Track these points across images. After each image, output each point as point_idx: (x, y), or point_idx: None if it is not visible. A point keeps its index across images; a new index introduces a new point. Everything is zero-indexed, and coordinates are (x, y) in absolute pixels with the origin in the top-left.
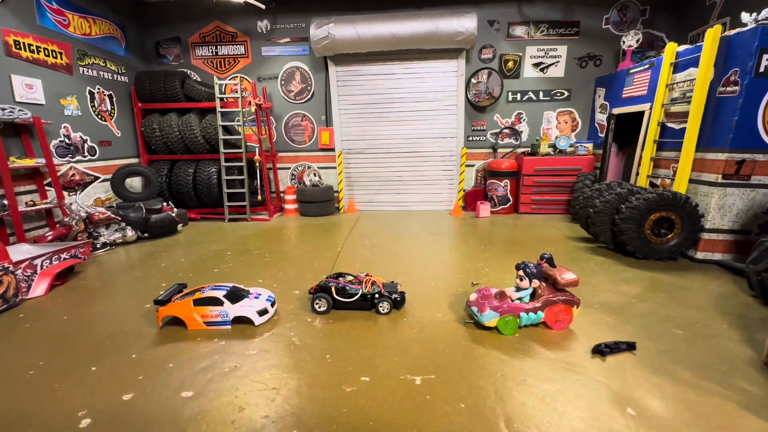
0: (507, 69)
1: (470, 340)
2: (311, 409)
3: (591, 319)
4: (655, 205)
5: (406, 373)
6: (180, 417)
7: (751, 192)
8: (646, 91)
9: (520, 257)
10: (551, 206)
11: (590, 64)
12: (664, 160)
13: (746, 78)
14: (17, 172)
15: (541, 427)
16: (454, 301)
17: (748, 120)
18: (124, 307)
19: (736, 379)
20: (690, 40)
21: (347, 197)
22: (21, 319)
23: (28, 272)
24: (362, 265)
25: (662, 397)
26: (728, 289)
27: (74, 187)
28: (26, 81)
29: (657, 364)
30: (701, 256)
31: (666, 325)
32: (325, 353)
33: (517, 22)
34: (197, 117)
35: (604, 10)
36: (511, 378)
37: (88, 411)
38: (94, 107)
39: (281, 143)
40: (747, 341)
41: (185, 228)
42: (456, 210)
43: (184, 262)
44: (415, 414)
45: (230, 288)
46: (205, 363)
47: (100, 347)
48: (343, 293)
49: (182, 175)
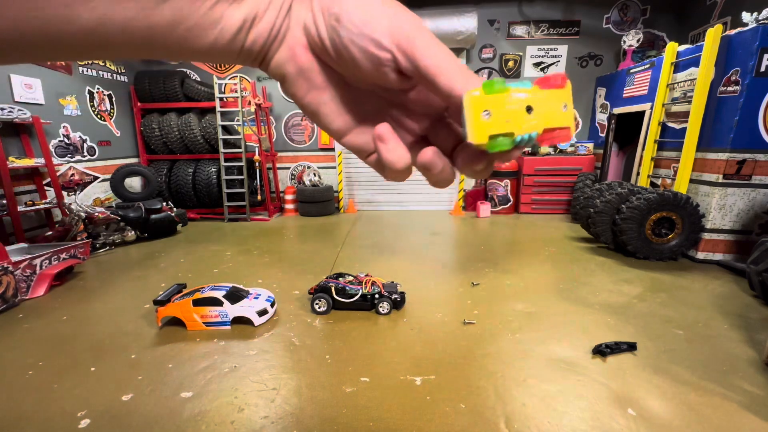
0: (507, 69)
1: (470, 340)
2: (311, 410)
3: (591, 319)
4: (656, 205)
5: (406, 374)
6: (179, 417)
7: (751, 192)
8: (647, 91)
9: (520, 257)
10: (552, 206)
11: (591, 64)
12: (665, 160)
13: (747, 78)
14: (16, 172)
15: (542, 427)
16: (454, 301)
17: (748, 120)
18: (123, 307)
19: (737, 380)
20: (691, 39)
21: (347, 197)
22: (20, 320)
23: (28, 272)
24: (362, 265)
25: (663, 398)
26: (729, 290)
27: (73, 187)
28: (25, 81)
29: (657, 364)
30: (702, 257)
31: (667, 326)
32: (325, 354)
33: (518, 21)
34: (197, 117)
35: (604, 10)
36: (511, 378)
37: (88, 411)
38: (93, 107)
39: (281, 143)
40: (748, 341)
41: (185, 228)
42: (456, 210)
43: (184, 262)
44: (415, 414)
45: (230, 288)
46: (204, 363)
47: (100, 347)
48: (343, 293)
49: (182, 175)
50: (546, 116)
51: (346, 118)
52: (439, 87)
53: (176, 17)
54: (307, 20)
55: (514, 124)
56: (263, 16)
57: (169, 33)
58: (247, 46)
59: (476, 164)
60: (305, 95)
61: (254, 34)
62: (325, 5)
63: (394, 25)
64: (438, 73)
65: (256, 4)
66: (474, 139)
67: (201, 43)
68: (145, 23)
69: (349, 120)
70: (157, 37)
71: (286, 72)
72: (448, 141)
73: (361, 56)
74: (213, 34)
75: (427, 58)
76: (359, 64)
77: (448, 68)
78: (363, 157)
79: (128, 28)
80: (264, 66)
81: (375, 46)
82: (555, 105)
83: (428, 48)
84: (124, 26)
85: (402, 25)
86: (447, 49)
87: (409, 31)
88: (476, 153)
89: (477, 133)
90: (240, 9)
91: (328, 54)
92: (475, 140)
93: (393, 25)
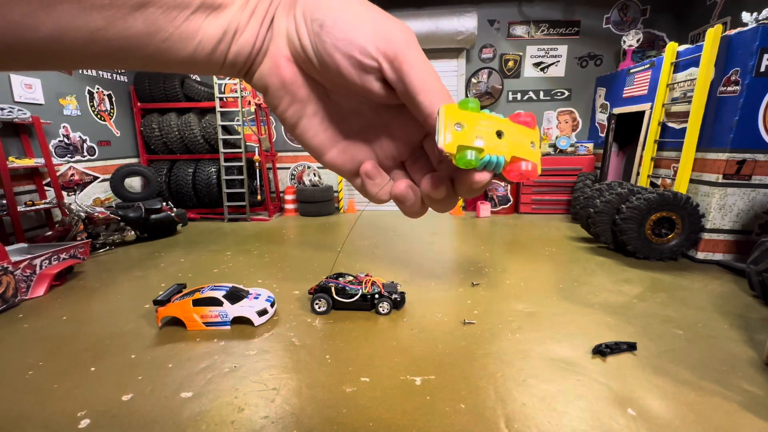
0: (507, 69)
1: (470, 340)
2: (311, 410)
3: (591, 319)
4: (656, 205)
5: (406, 374)
6: (179, 417)
7: (751, 192)
8: (647, 91)
9: (520, 257)
10: (552, 206)
11: (591, 64)
12: (665, 160)
13: (747, 78)
14: (16, 172)
15: (542, 427)
16: (454, 301)
17: (748, 120)
18: (123, 307)
19: (737, 380)
20: (691, 39)
21: (347, 197)
22: (20, 320)
23: (28, 272)
24: (362, 265)
25: (663, 398)
26: (729, 290)
27: (73, 187)
28: (25, 81)
29: (658, 364)
30: (702, 256)
31: (667, 326)
32: (325, 354)
33: (518, 21)
34: (197, 117)
35: (604, 10)
36: (511, 378)
37: (88, 411)
38: (93, 107)
39: (281, 143)
40: (748, 341)
41: (185, 228)
42: (456, 210)
43: (184, 262)
44: (416, 414)
45: (230, 288)
46: (204, 363)
47: (100, 347)
48: (342, 293)
49: (182, 175)
50: (515, 146)
51: (327, 134)
52: (419, 105)
53: (150, 28)
54: (290, 29)
55: (485, 143)
56: (245, 29)
57: (145, 44)
58: (230, 59)
59: (436, 189)
60: (287, 108)
61: (237, 47)
62: (308, 12)
63: (381, 33)
64: (421, 91)
65: (236, 17)
66: (444, 145)
67: (180, 54)
68: (117, 34)
69: (331, 137)
70: (132, 48)
71: (269, 84)
72: (423, 172)
73: (346, 63)
74: (191, 45)
75: (413, 73)
76: (343, 72)
77: (431, 89)
78: (345, 177)
79: (97, 38)
80: (248, 78)
81: (360, 52)
82: (524, 139)
83: (415, 64)
84: (92, 36)
85: (390, 35)
86: (433, 68)
87: (397, 42)
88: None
89: (447, 141)
90: (218, 20)
91: (311, 63)
92: (444, 147)
93: (380, 33)
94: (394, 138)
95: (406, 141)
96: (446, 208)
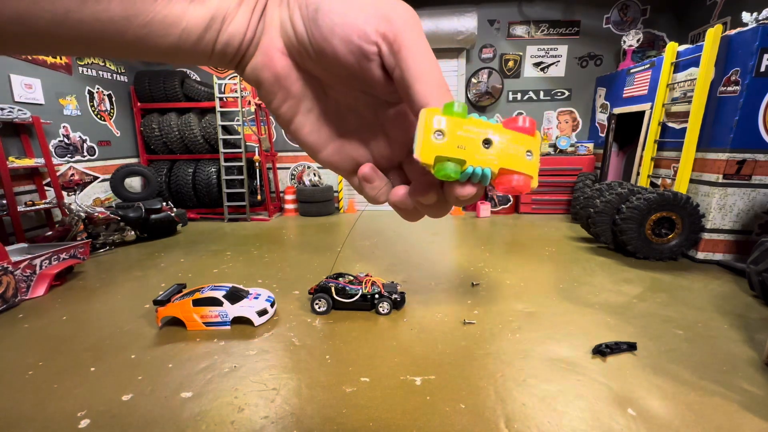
0: (507, 69)
1: (470, 340)
2: (311, 410)
3: (591, 319)
4: (656, 205)
5: (406, 374)
6: (179, 417)
7: (752, 192)
8: (647, 91)
9: (520, 257)
10: (552, 206)
11: (591, 64)
12: (665, 160)
13: (747, 78)
14: (16, 172)
15: (542, 427)
16: (454, 301)
17: (748, 120)
18: (123, 307)
19: (737, 380)
20: (691, 39)
21: (347, 197)
22: (20, 320)
23: (28, 272)
24: (362, 265)
25: (663, 398)
26: (729, 290)
27: (73, 187)
28: (25, 81)
29: (658, 364)
30: (702, 257)
31: (667, 326)
32: (325, 354)
33: (518, 21)
34: (196, 117)
35: (604, 10)
36: (511, 378)
37: (88, 411)
38: (93, 107)
39: (281, 143)
40: (748, 341)
41: (185, 228)
42: (456, 210)
43: (184, 263)
44: (415, 414)
45: (230, 288)
46: (204, 363)
47: (100, 347)
48: (342, 293)
49: (182, 175)
50: (506, 157)
51: (322, 132)
52: (413, 96)
53: (128, 11)
54: (283, 18)
55: (468, 153)
56: (234, 17)
57: (123, 29)
58: (219, 49)
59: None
60: (281, 104)
61: (226, 36)
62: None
63: (381, 13)
64: (418, 80)
65: (223, 3)
66: (420, 156)
67: (165, 42)
68: (90, 16)
69: (326, 135)
70: (108, 33)
71: (262, 78)
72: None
73: (344, 48)
74: (175, 32)
75: (411, 59)
76: (340, 58)
77: (428, 79)
78: (342, 175)
79: (67, 21)
80: (240, 70)
81: (359, 36)
82: (518, 149)
83: (415, 49)
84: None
85: (391, 14)
86: (434, 57)
87: (398, 22)
88: (429, 184)
89: (424, 151)
90: (204, 6)
91: (306, 53)
92: (421, 158)
93: (380, 13)
94: (390, 138)
95: (402, 142)
96: (439, 214)
